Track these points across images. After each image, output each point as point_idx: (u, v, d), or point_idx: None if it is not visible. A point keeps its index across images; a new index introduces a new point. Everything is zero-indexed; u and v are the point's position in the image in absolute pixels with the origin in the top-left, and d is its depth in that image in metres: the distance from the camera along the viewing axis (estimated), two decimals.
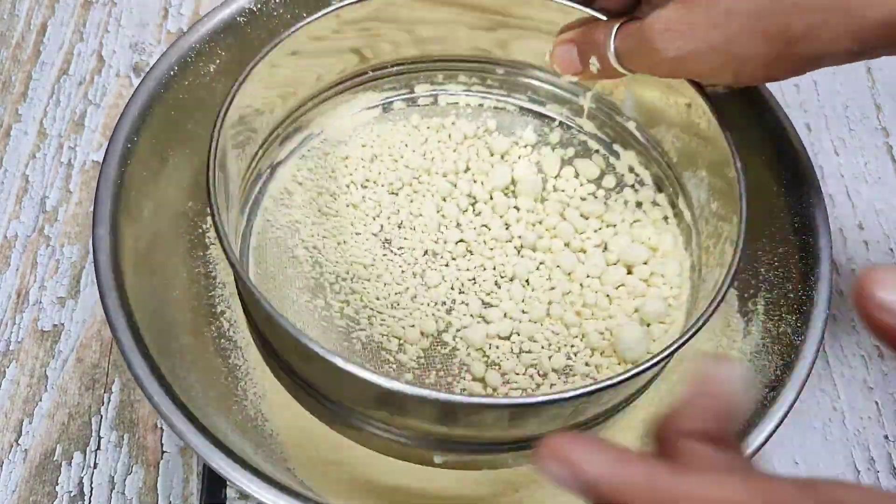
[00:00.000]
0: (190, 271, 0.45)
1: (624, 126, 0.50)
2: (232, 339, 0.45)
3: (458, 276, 0.46)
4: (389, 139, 0.50)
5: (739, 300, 0.45)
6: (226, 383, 0.43)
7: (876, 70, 0.66)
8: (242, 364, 0.44)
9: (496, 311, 0.45)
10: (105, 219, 0.42)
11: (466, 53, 0.50)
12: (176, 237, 0.46)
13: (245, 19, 0.49)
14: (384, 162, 0.49)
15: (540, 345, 0.44)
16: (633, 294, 0.45)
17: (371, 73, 0.50)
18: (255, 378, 0.44)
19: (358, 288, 0.45)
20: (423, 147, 0.50)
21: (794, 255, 0.45)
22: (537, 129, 0.51)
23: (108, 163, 0.44)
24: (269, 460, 0.40)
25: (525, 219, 0.48)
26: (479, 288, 0.45)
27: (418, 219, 0.47)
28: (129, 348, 0.39)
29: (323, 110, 0.50)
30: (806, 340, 0.42)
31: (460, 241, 0.47)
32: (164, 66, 0.47)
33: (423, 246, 0.46)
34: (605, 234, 0.47)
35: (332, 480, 0.41)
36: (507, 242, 0.47)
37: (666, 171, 0.48)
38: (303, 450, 0.42)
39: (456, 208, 0.48)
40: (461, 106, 0.51)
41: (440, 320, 0.44)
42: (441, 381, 0.43)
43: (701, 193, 0.45)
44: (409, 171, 0.49)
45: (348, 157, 0.49)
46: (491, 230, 0.47)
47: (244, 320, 0.45)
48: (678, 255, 0.46)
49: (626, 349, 0.42)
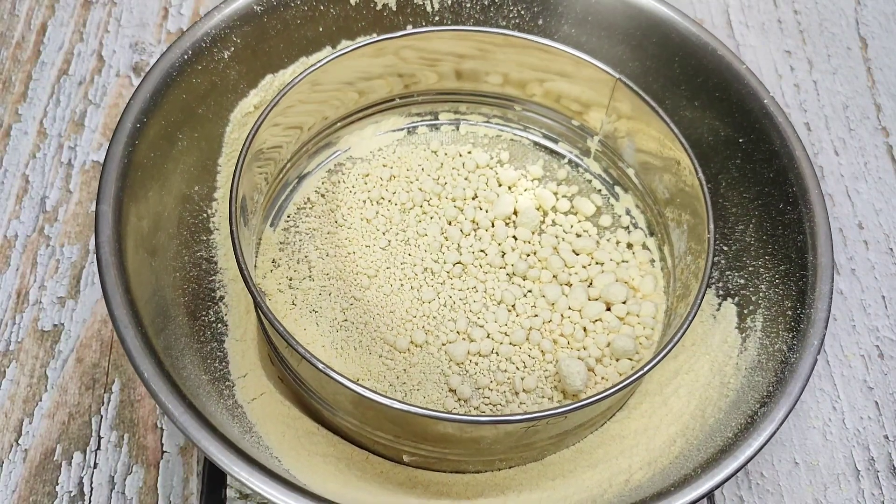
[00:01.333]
0: (192, 255, 0.46)
1: (625, 171, 0.52)
2: (228, 324, 0.45)
3: (451, 294, 0.48)
4: (409, 161, 0.53)
5: (738, 316, 0.46)
6: (219, 367, 0.44)
7: (876, 70, 0.66)
8: None
9: (481, 330, 0.47)
10: (109, 196, 0.43)
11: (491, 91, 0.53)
12: (180, 220, 0.46)
13: (262, 8, 0.49)
14: (400, 182, 0.52)
15: (516, 366, 0.46)
16: (608, 329, 0.47)
17: (399, 99, 0.53)
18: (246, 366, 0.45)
19: (359, 295, 0.47)
20: (437, 172, 0.53)
21: (795, 272, 0.45)
22: (546, 165, 0.54)
23: (116, 141, 0.44)
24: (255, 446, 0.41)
25: (520, 249, 0.50)
26: (468, 308, 0.48)
27: (423, 238, 0.50)
28: (124, 325, 0.40)
29: (352, 129, 0.53)
30: (801, 358, 0.42)
31: (458, 263, 0.49)
32: (178, 50, 0.47)
33: (424, 264, 0.49)
34: (592, 270, 0.50)
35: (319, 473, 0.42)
36: (500, 269, 0.49)
37: (657, 218, 0.51)
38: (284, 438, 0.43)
39: (458, 232, 0.50)
40: (479, 136, 0.55)
41: (429, 333, 0.47)
42: (420, 388, 0.45)
43: (681, 245, 0.48)
44: (421, 193, 0.52)
45: (368, 175, 0.52)
46: (487, 256, 0.50)
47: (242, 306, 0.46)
48: (656, 298, 0.49)
49: (568, 384, 0.45)
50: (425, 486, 0.43)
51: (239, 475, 0.37)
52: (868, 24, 0.68)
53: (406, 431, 0.41)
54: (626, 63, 0.52)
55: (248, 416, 0.43)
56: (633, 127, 0.49)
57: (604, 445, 0.44)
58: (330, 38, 0.51)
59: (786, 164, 0.47)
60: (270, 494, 0.37)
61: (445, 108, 0.54)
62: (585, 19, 0.52)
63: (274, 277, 0.48)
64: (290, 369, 0.43)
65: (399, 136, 0.54)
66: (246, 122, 0.49)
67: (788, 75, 0.65)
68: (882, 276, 0.57)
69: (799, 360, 0.42)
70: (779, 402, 0.41)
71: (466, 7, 0.53)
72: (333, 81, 0.49)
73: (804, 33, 0.67)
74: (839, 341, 0.55)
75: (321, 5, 0.51)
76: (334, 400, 0.42)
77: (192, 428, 0.38)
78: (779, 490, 0.50)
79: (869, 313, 0.56)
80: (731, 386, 0.44)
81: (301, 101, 0.47)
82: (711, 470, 0.39)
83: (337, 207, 0.51)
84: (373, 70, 0.50)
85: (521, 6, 0.52)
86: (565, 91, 0.51)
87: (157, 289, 0.43)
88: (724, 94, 0.50)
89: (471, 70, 0.52)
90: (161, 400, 0.38)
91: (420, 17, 0.53)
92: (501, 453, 0.42)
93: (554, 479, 0.43)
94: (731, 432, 0.41)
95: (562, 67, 0.50)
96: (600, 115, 0.51)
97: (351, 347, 0.46)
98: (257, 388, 0.44)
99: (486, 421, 0.38)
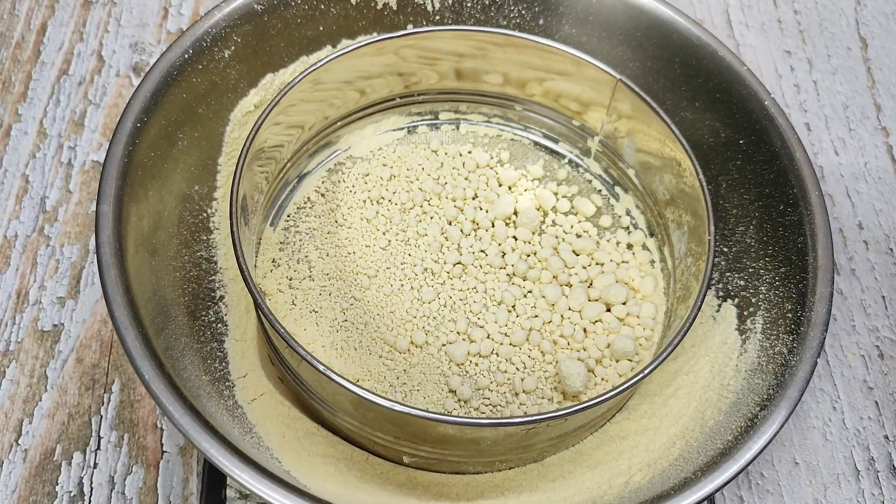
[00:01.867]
0: (192, 254, 0.46)
1: (625, 171, 0.52)
2: (228, 324, 0.45)
3: (452, 295, 0.48)
4: (409, 161, 0.53)
5: (738, 318, 0.46)
6: (219, 368, 0.44)
7: (876, 70, 0.66)
8: None
9: (481, 331, 0.47)
10: (109, 196, 0.43)
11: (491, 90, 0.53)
12: (180, 219, 0.46)
13: (262, 7, 0.49)
14: (400, 182, 0.52)
15: (515, 367, 0.46)
16: (608, 330, 0.47)
17: (399, 98, 0.53)
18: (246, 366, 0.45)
19: (359, 295, 0.47)
20: (438, 171, 0.53)
21: (795, 274, 0.45)
22: (547, 165, 0.54)
23: (116, 141, 0.44)
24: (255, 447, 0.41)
25: (520, 249, 0.50)
26: (468, 308, 0.48)
27: (423, 238, 0.50)
28: (125, 325, 0.40)
29: (352, 128, 0.53)
30: (801, 361, 0.42)
31: (458, 263, 0.49)
32: (178, 49, 0.47)
33: (424, 264, 0.49)
34: (592, 271, 0.50)
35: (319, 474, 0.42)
36: (500, 269, 0.49)
37: (658, 219, 0.51)
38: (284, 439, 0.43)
39: (459, 232, 0.50)
40: (480, 135, 0.55)
41: (429, 333, 0.47)
42: (420, 388, 0.45)
43: (681, 246, 0.48)
44: (421, 193, 0.52)
45: (369, 175, 0.52)
46: (487, 256, 0.50)
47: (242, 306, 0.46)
48: (656, 299, 0.49)
49: (568, 385, 0.45)
50: (425, 487, 0.43)
51: (239, 477, 0.37)
52: (868, 24, 0.68)
53: (406, 432, 0.41)
54: (627, 63, 0.52)
55: (249, 417, 0.43)
56: (634, 127, 0.49)
57: (603, 447, 0.44)
58: (330, 37, 0.51)
59: (786, 165, 0.47)
60: (270, 497, 0.37)
61: (446, 108, 0.54)
62: (586, 19, 0.52)
63: (274, 277, 0.48)
64: (290, 370, 0.43)
65: (399, 136, 0.54)
66: (246, 121, 0.49)
67: (788, 75, 0.65)
68: (882, 276, 0.57)
69: (799, 363, 0.42)
70: (779, 404, 0.41)
71: (467, 7, 0.53)
72: (334, 81, 0.49)
73: (804, 33, 0.67)
74: (839, 341, 0.55)
75: (322, 4, 0.51)
76: (334, 400, 0.42)
77: (192, 429, 0.38)
78: (779, 490, 0.50)
79: (869, 313, 0.56)
80: (730, 388, 0.44)
81: (302, 101, 0.47)
82: (711, 473, 0.39)
83: (337, 207, 0.51)
84: (373, 69, 0.50)
85: (522, 6, 0.52)
86: (566, 91, 0.51)
87: (157, 289, 0.43)
88: (725, 95, 0.50)
89: (471, 70, 0.52)
90: (161, 401, 0.38)
91: (421, 16, 0.53)
92: (501, 454, 0.42)
93: (553, 480, 0.43)
94: (730, 434, 0.41)
95: (562, 67, 0.50)
96: (601, 116, 0.51)
97: (351, 348, 0.46)
98: (257, 388, 0.44)
99: (486, 423, 0.39)
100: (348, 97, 0.51)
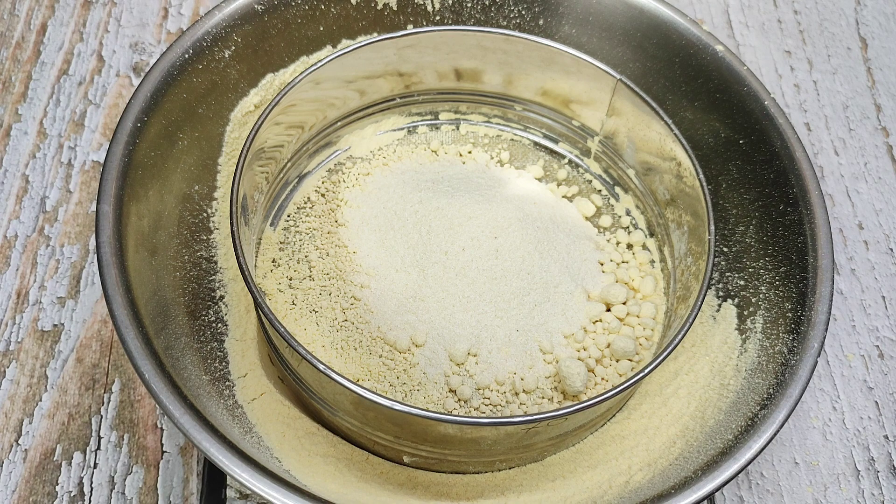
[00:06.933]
0: (192, 254, 0.46)
1: (625, 171, 0.52)
2: (228, 324, 0.45)
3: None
4: (409, 161, 0.53)
5: (738, 318, 0.46)
6: (219, 367, 0.44)
7: (876, 70, 0.66)
8: None
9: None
10: (110, 196, 0.43)
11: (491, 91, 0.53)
12: (180, 219, 0.46)
13: (263, 7, 0.49)
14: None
15: (516, 366, 0.46)
16: (608, 330, 0.47)
17: (399, 98, 0.53)
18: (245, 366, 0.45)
19: (359, 295, 0.47)
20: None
21: (795, 274, 0.45)
22: (547, 165, 0.54)
23: (116, 141, 0.44)
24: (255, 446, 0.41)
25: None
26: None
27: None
28: (125, 325, 0.40)
29: (352, 128, 0.53)
30: (801, 360, 0.42)
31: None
32: (179, 49, 0.47)
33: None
34: (592, 271, 0.49)
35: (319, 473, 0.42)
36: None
37: (657, 219, 0.51)
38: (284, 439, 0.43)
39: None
40: (480, 136, 0.55)
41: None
42: (420, 388, 0.45)
43: (681, 246, 0.48)
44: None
45: (369, 174, 0.52)
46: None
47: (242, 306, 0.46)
48: (656, 299, 0.49)
49: (568, 384, 0.45)
50: (425, 487, 0.43)
51: (240, 476, 0.37)
52: (868, 24, 0.68)
53: (406, 432, 0.41)
54: (627, 64, 0.52)
55: (249, 417, 0.43)
56: (634, 128, 0.49)
57: (604, 446, 0.44)
58: (331, 37, 0.51)
59: (786, 165, 0.47)
60: (270, 496, 0.37)
61: (446, 108, 0.54)
62: (586, 20, 0.52)
63: (274, 277, 0.48)
64: (290, 369, 0.43)
65: (399, 136, 0.54)
66: (246, 121, 0.50)
67: (788, 75, 0.65)
68: (882, 276, 0.57)
69: (799, 363, 0.42)
70: (779, 404, 0.41)
71: (467, 7, 0.53)
72: (334, 80, 0.49)
73: (804, 33, 0.67)
74: (839, 341, 0.55)
75: (322, 4, 0.51)
76: (334, 400, 0.42)
77: (192, 429, 0.38)
78: (779, 490, 0.50)
79: (869, 313, 0.56)
80: (730, 387, 0.44)
81: (302, 101, 0.47)
82: (711, 472, 0.39)
83: (337, 207, 0.51)
84: (373, 69, 0.50)
85: (522, 6, 0.52)
86: (566, 91, 0.51)
87: (157, 288, 0.43)
88: (725, 95, 0.50)
89: (471, 70, 0.52)
90: (161, 400, 0.38)
91: (421, 16, 0.53)
92: (501, 454, 0.42)
93: (554, 479, 0.43)
94: (730, 434, 0.41)
95: (562, 68, 0.50)
96: (601, 116, 0.51)
97: (351, 347, 0.46)
98: (257, 388, 0.44)
99: (486, 423, 0.38)
100: (348, 97, 0.51)
